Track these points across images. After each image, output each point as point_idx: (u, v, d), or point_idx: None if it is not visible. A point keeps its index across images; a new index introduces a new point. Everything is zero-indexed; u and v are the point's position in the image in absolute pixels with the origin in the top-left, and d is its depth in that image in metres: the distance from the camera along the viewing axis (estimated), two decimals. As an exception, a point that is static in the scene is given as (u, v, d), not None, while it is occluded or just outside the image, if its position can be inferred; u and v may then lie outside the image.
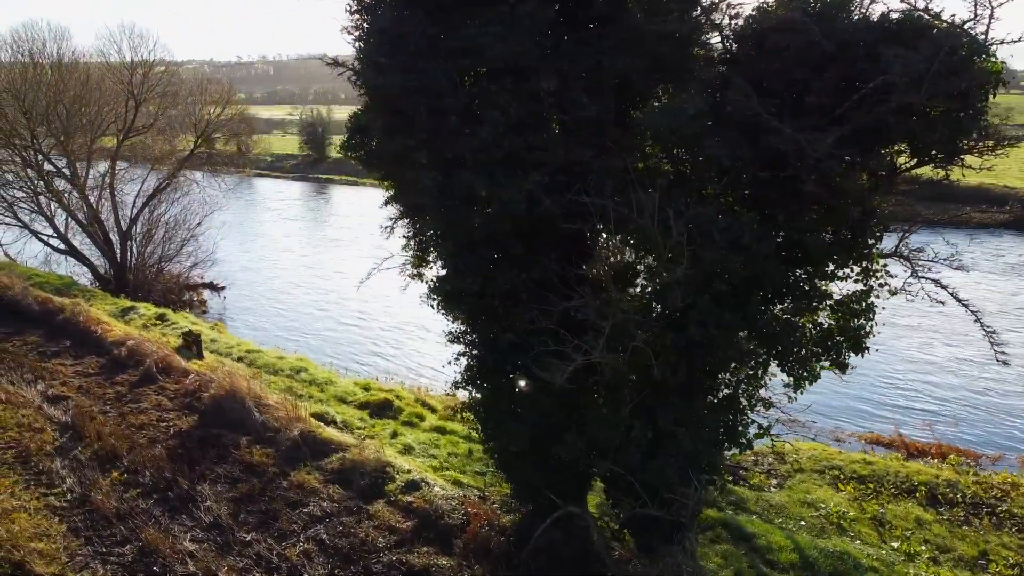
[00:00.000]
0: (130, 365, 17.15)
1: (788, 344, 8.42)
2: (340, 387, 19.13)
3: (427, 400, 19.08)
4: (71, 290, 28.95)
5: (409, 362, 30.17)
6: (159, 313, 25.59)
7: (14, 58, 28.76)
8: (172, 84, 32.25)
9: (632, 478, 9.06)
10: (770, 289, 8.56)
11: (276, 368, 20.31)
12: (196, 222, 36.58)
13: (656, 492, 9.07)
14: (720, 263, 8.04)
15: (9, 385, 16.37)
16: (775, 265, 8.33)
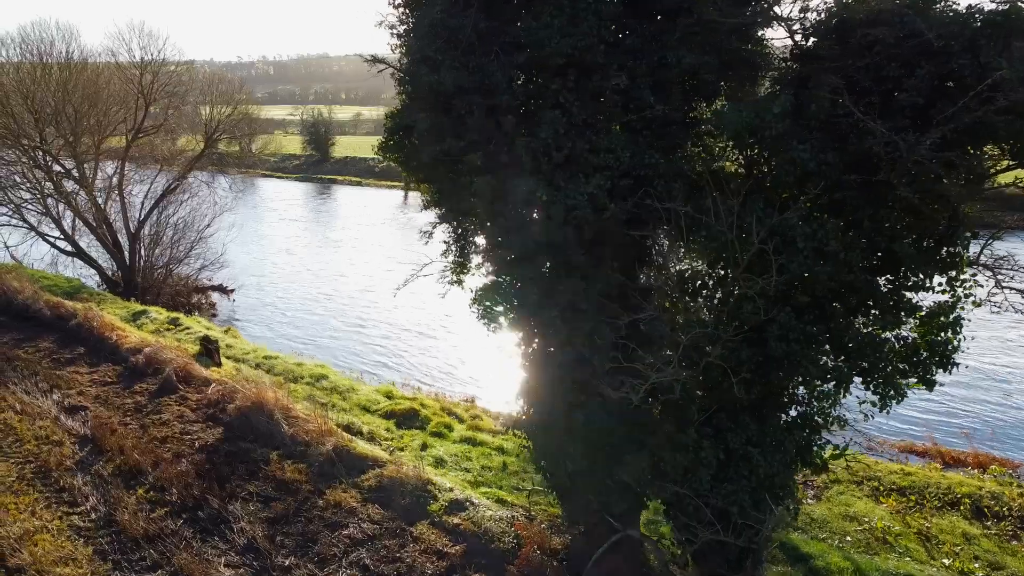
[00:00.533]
0: (148, 373, 16.57)
1: (874, 360, 7.85)
2: (363, 395, 18.55)
3: (453, 409, 18.50)
4: (81, 293, 28.39)
5: (418, 365, 29.64)
6: (172, 317, 25.00)
7: (22, 57, 28.19)
8: (182, 84, 31.66)
9: (701, 501, 8.49)
10: (854, 301, 7.98)
11: (296, 375, 19.73)
12: (205, 223, 36.01)
13: (726, 516, 8.50)
14: (804, 273, 7.48)
15: (24, 395, 15.80)
16: (861, 275, 7.76)
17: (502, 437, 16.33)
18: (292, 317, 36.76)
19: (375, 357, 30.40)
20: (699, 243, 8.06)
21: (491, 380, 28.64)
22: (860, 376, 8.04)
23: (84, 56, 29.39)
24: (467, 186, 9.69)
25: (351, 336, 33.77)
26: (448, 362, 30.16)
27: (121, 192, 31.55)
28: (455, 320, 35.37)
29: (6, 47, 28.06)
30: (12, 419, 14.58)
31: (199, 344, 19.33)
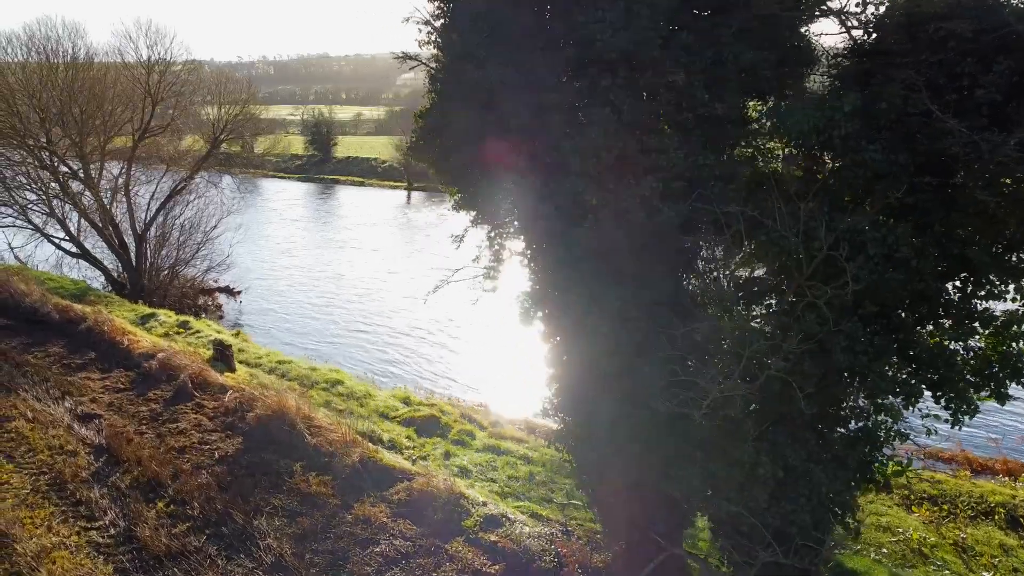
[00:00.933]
0: (162, 380, 16.14)
1: (945, 372, 7.42)
2: (380, 401, 18.13)
3: (472, 415, 18.08)
4: (88, 296, 27.97)
5: (423, 369, 29.24)
6: (181, 320, 24.56)
7: (28, 56, 27.75)
8: (189, 84, 31.21)
9: (757, 520, 8.06)
10: (924, 310, 7.56)
11: (311, 380, 19.31)
12: (212, 224, 35.58)
13: (784, 536, 8.07)
14: (875, 280, 7.05)
15: (35, 402, 15.37)
16: (932, 282, 7.34)
17: (526, 446, 15.91)
18: (297, 319, 36.38)
19: (381, 359, 30.02)
20: (760, 248, 7.63)
21: (497, 383, 28.23)
22: (930, 389, 7.62)
23: (91, 55, 28.96)
24: (505, 188, 9.28)
25: (357, 338, 33.37)
26: (452, 365, 29.76)
27: (128, 193, 31.11)
28: (458, 324, 35.01)
29: (12, 46, 27.63)
30: (24, 428, 14.16)
31: (212, 349, 18.91)
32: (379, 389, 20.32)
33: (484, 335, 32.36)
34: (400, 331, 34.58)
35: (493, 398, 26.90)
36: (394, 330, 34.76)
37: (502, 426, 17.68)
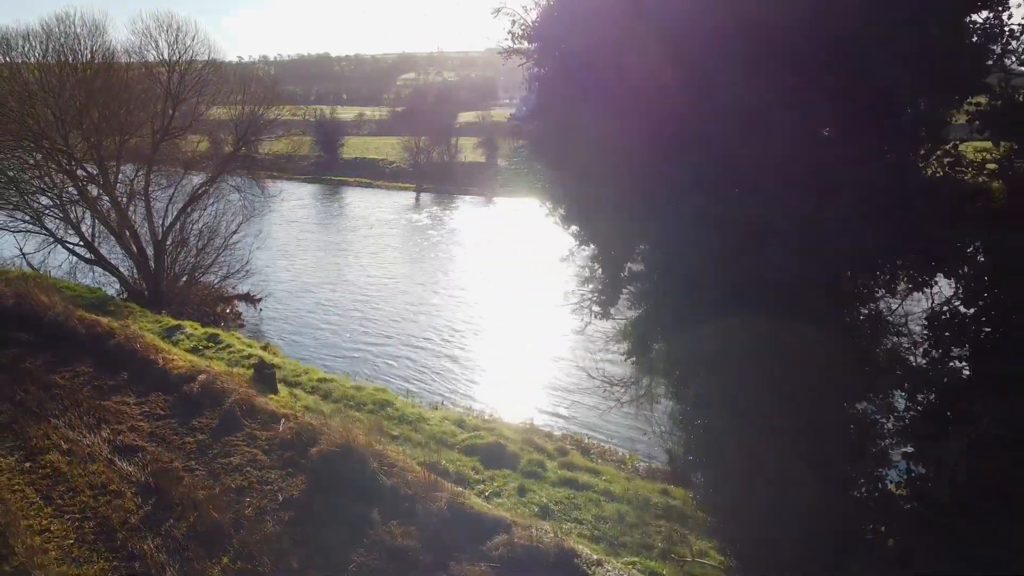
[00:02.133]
0: (205, 405, 14.81)
1: None
2: (434, 425, 16.82)
3: (535, 439, 16.79)
4: (108, 306, 26.64)
5: (460, 382, 28.00)
6: (210, 334, 23.23)
7: (45, 55, 26.36)
8: (211, 82, 29.86)
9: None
10: None
11: (356, 401, 18.00)
12: (232, 229, 34.28)
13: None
14: None
15: (68, 430, 14.06)
16: None
17: (604, 479, 14.60)
18: (321, 328, 35.09)
19: (414, 370, 28.72)
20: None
21: (521, 397, 26.93)
22: None
23: (110, 53, 27.61)
24: (639, 205, 7.98)
25: (388, 349, 32.10)
26: (483, 377, 28.48)
27: (147, 197, 29.78)
28: (467, 333, 33.72)
29: (30, 44, 26.23)
30: (60, 462, 12.84)
31: (252, 368, 17.58)
32: (429, 409, 19.04)
33: (524, 348, 31.09)
34: (430, 340, 33.30)
35: (534, 413, 25.60)
36: (426, 339, 33.44)
37: (569, 453, 16.40)
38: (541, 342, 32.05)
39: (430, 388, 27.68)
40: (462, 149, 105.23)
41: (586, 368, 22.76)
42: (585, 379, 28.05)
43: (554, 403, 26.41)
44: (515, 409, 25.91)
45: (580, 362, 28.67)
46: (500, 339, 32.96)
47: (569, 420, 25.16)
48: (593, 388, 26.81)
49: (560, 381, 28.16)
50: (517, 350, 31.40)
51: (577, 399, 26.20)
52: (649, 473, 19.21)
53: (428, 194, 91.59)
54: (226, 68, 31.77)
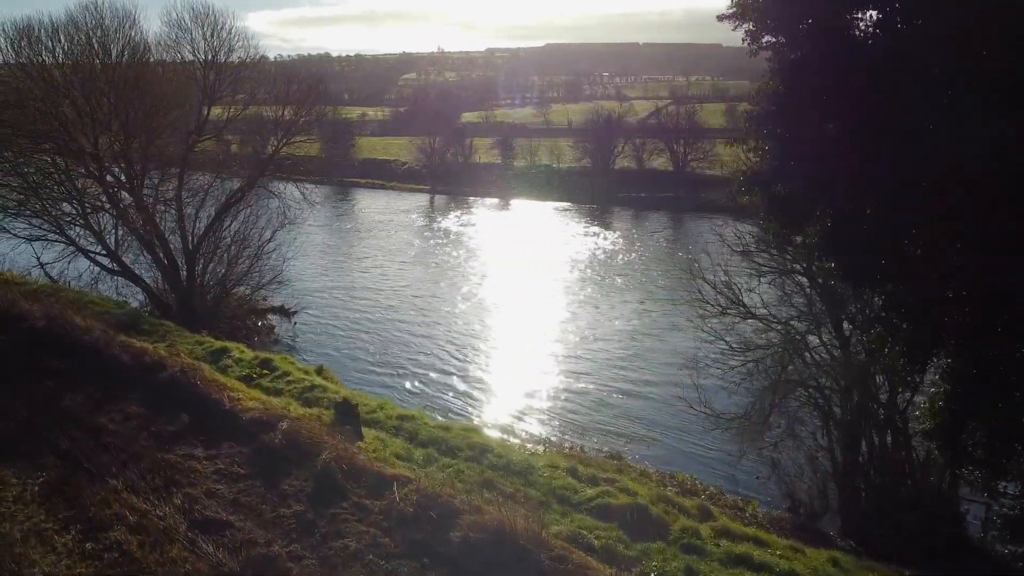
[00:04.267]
0: (292, 461, 12.37)
1: None
2: (546, 475, 14.38)
3: (669, 495, 14.39)
4: (140, 324, 24.19)
5: (508, 403, 25.59)
6: (261, 358, 20.78)
7: (71, 48, 23.82)
8: (250, 80, 27.37)
9: None
10: None
11: (449, 445, 15.56)
12: (267, 237, 31.84)
13: None
14: None
15: (132, 495, 11.59)
16: None
17: (776, 553, 12.18)
18: (351, 341, 32.65)
19: (476, 394, 26.27)
20: None
21: (573, 420, 24.59)
22: None
23: (144, 47, 25.12)
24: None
25: (425, 365, 29.62)
26: (535, 403, 26.07)
27: (179, 203, 27.30)
28: (518, 350, 31.24)
29: (55, 39, 23.65)
30: (129, 542, 10.38)
31: (333, 408, 15.14)
32: (522, 448, 16.65)
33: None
34: (474, 355, 30.81)
35: (614, 444, 23.25)
36: (471, 355, 30.94)
37: (714, 513, 13.99)
38: (607, 368, 29.69)
39: (483, 411, 25.28)
40: (476, 150, 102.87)
41: (685, 397, 20.40)
42: (664, 407, 25.73)
43: (632, 432, 24.02)
44: (593, 440, 23.55)
45: (665, 391, 26.34)
46: (561, 361, 30.57)
47: (649, 451, 22.77)
48: (683, 424, 24.55)
49: (636, 410, 25.76)
50: (577, 374, 29.03)
51: (663, 432, 23.82)
52: (774, 524, 16.86)
53: (443, 197, 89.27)
54: (265, 64, 29.21)
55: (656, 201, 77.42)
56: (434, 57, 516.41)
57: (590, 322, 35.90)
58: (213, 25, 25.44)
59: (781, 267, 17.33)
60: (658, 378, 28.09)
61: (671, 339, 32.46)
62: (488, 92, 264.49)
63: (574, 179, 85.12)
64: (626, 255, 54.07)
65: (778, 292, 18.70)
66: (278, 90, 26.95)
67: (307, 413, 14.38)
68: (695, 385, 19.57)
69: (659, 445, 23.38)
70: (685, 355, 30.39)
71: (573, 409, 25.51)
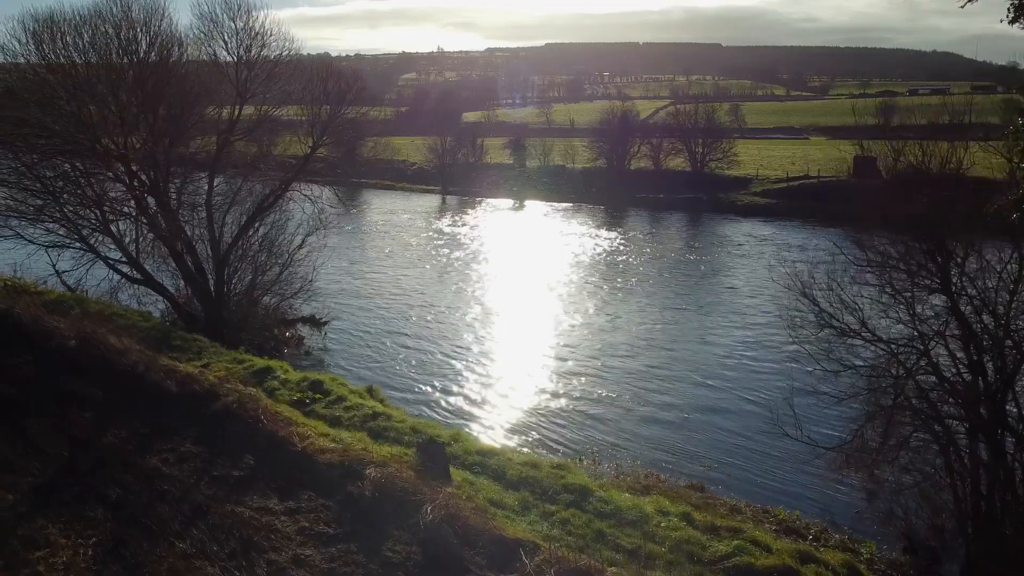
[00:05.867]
0: (388, 517, 10.55)
1: None
2: (662, 525, 12.60)
3: (808, 550, 12.59)
4: (172, 339, 22.37)
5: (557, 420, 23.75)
6: (310, 380, 18.94)
7: (95, 42, 21.91)
8: (283, 75, 25.51)
9: None
10: None
11: (543, 487, 13.74)
12: (297, 243, 30.03)
13: None
14: None
15: (204, 562, 9.78)
16: None
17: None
18: (382, 353, 30.81)
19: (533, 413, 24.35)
20: None
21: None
22: None
23: (174, 41, 23.26)
24: None
25: (469, 379, 27.82)
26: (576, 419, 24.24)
27: (209, 207, 25.46)
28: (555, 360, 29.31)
29: (79, 33, 21.74)
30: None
31: (416, 447, 13.30)
32: (624, 489, 14.84)
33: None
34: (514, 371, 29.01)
35: (685, 466, 21.48)
36: (511, 370, 29.18)
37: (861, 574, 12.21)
38: (641, 381, 27.95)
39: (532, 436, 23.44)
40: (487, 150, 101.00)
41: (778, 421, 18.69)
42: (712, 428, 23.87)
43: (706, 454, 22.20)
44: (664, 464, 21.78)
45: (715, 412, 24.55)
46: (596, 376, 28.75)
47: (717, 476, 20.96)
48: (740, 448, 22.76)
49: (682, 430, 23.93)
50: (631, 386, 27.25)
51: (723, 457, 22.03)
52: (897, 570, 15.13)
53: (454, 198, 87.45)
54: (300, 61, 27.37)
55: (675, 202, 75.71)
56: (434, 57, 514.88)
57: (631, 334, 34.09)
58: (247, 17, 23.63)
59: (922, 285, 15.59)
60: (701, 395, 26.39)
61: (712, 351, 30.87)
62: (488, 92, 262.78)
63: (589, 180, 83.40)
64: (659, 260, 52.28)
65: (890, 309, 16.94)
66: (314, 88, 25.15)
67: (389, 454, 12.54)
68: (791, 408, 17.79)
69: (722, 470, 21.59)
70: (733, 369, 28.71)
71: (620, 431, 23.76)
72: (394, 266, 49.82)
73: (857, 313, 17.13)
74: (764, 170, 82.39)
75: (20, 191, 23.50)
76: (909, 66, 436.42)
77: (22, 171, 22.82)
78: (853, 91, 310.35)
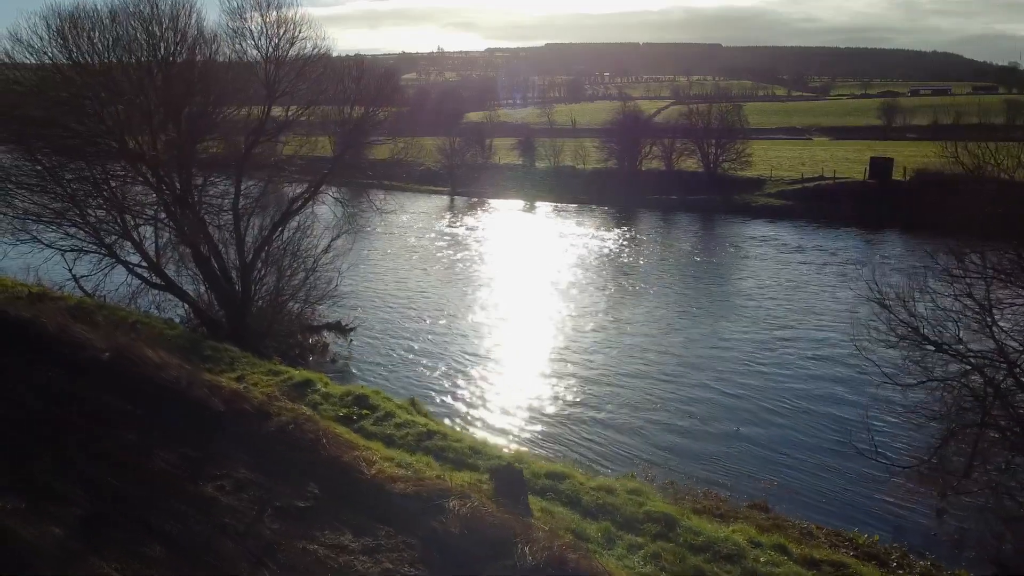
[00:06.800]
0: (481, 559, 9.58)
1: None
2: (761, 560, 11.65)
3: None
4: (203, 349, 21.39)
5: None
6: (355, 394, 17.96)
7: (119, 36, 20.87)
8: (313, 73, 24.47)
9: None
10: None
11: (622, 515, 12.79)
12: (322, 247, 29.08)
13: None
14: None
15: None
16: None
17: None
18: (405, 360, 29.85)
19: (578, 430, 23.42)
20: None
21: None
22: None
23: (205, 37, 22.24)
24: None
25: (502, 388, 26.82)
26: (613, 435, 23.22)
27: (236, 211, 24.46)
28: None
29: (103, 29, 20.66)
30: None
31: (489, 474, 12.34)
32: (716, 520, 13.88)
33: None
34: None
35: (748, 489, 20.50)
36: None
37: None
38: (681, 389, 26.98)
39: (575, 449, 22.46)
40: (495, 151, 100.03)
41: (849, 438, 17.80)
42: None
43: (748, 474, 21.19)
44: (718, 481, 20.82)
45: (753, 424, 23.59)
46: (627, 383, 27.80)
47: (774, 493, 19.95)
48: (785, 462, 21.78)
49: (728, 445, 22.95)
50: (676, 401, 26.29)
51: (779, 471, 21.04)
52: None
53: (464, 199, 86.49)
54: (330, 59, 26.35)
55: (688, 204, 74.81)
56: (434, 57, 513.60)
57: (665, 342, 33.11)
58: (276, 13, 22.63)
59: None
60: (740, 407, 25.43)
61: (733, 355, 30.00)
62: (489, 92, 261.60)
63: (600, 181, 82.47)
64: (683, 263, 51.34)
65: (972, 321, 16.03)
66: (346, 86, 24.16)
67: (466, 482, 11.57)
68: (866, 425, 16.89)
69: (780, 488, 20.58)
70: (779, 380, 27.75)
71: (662, 445, 22.79)
72: (407, 267, 48.92)
73: (940, 326, 16.21)
74: (775, 171, 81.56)
75: (41, 194, 22.48)
76: (909, 66, 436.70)
77: (45, 175, 21.81)
78: (855, 91, 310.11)
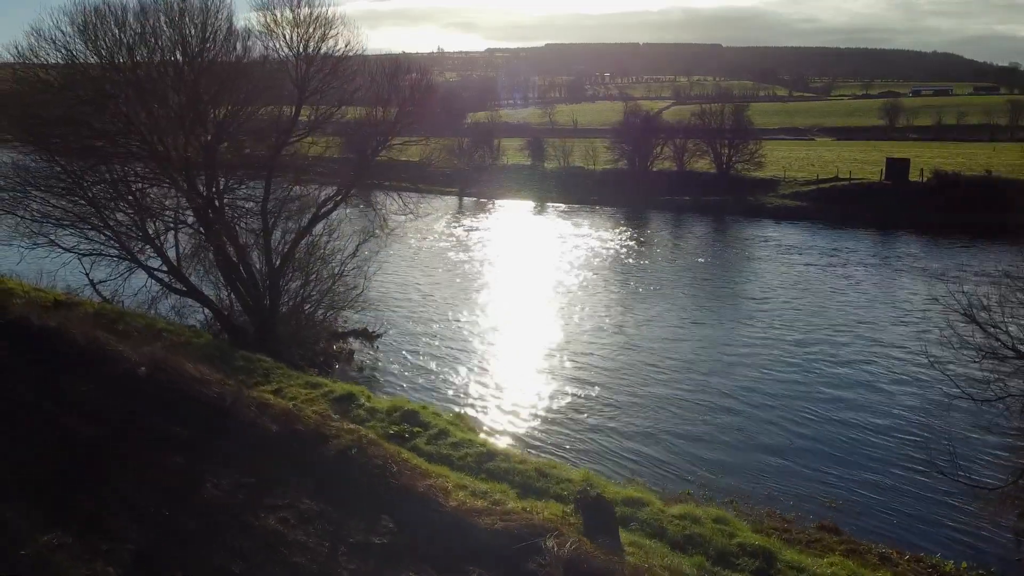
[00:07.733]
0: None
1: None
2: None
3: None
4: (233, 359, 20.36)
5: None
6: (401, 410, 16.92)
7: (152, 26, 19.75)
8: (345, 70, 23.44)
9: None
10: None
11: (714, 547, 11.80)
12: (350, 251, 28.02)
13: None
14: None
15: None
16: None
17: None
18: (435, 371, 28.79)
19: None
20: None
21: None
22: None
23: (235, 33, 21.23)
24: None
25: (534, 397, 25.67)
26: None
27: (264, 215, 23.45)
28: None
29: (128, 26, 19.61)
30: None
31: (575, 504, 11.34)
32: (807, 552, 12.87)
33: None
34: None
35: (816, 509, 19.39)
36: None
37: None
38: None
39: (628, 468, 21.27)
40: (504, 151, 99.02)
41: (930, 457, 16.80)
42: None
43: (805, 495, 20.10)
44: (780, 499, 19.74)
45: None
46: (665, 396, 26.74)
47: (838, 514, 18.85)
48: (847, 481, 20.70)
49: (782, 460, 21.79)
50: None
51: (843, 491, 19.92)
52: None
53: (473, 199, 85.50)
54: (363, 57, 25.33)
55: (701, 205, 73.82)
56: (434, 57, 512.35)
57: (705, 350, 32.02)
58: (308, 10, 21.62)
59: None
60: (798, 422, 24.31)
61: (806, 372, 28.89)
62: (489, 92, 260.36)
63: (611, 181, 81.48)
64: (706, 266, 50.35)
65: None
66: (379, 85, 23.17)
67: (554, 515, 10.58)
68: (949, 448, 15.88)
69: (847, 508, 19.38)
70: (835, 390, 26.58)
71: (714, 460, 21.64)
72: (423, 269, 47.91)
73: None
74: (787, 171, 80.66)
75: (61, 198, 21.46)
76: (909, 67, 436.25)
77: (66, 178, 20.80)
78: (856, 92, 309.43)
